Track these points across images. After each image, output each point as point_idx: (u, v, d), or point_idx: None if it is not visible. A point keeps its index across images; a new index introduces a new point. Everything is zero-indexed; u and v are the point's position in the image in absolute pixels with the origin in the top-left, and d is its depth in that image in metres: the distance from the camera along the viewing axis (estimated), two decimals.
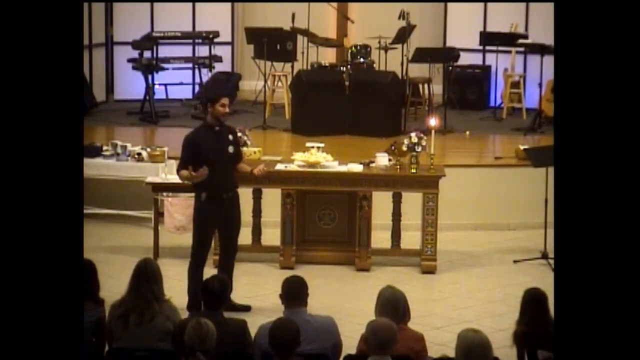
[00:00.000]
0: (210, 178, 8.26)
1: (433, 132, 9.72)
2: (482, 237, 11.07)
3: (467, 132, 13.27)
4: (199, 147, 8.36)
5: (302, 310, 6.30)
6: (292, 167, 9.98)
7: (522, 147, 11.33)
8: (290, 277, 6.52)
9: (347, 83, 12.92)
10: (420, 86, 14.50)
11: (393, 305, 6.20)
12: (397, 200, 10.18)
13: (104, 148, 11.34)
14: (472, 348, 5.35)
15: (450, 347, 5.50)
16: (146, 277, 6.39)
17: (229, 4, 15.67)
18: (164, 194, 10.24)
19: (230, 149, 8.51)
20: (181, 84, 14.79)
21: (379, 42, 14.23)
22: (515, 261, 10.27)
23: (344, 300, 9.11)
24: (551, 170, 9.56)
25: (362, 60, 13.81)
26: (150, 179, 10.42)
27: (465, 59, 14.84)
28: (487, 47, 14.93)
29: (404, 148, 9.77)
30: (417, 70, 14.75)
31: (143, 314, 6.29)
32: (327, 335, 6.24)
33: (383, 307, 6.21)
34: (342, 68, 13.48)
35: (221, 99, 8.40)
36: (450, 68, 14.46)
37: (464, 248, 10.69)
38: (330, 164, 9.97)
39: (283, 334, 5.61)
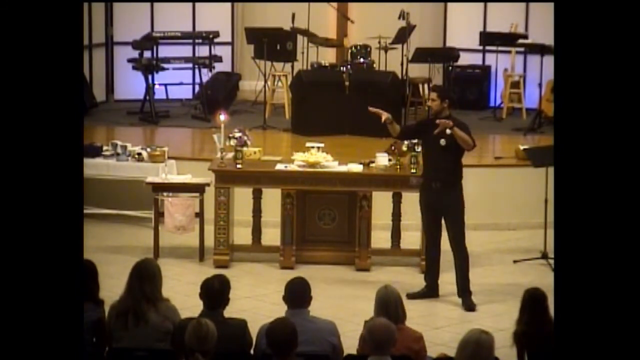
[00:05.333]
0: (424, 167, 9.18)
1: None
2: (482, 237, 11.05)
3: None
4: (420, 135, 9.21)
5: (304, 312, 6.31)
6: (292, 167, 9.97)
7: (522, 147, 11.33)
8: (294, 279, 6.52)
9: (347, 83, 12.91)
10: (420, 86, 14.48)
11: (383, 304, 6.24)
12: (397, 200, 10.18)
13: (104, 148, 11.32)
14: (467, 343, 5.36)
15: (450, 347, 5.50)
16: (138, 276, 6.36)
17: (229, 4, 15.66)
18: (164, 194, 10.23)
19: (442, 142, 8.86)
20: (181, 84, 14.77)
21: (379, 42, 14.21)
22: (515, 261, 10.26)
23: (344, 300, 9.10)
24: (551, 170, 9.55)
25: (362, 60, 13.79)
26: (150, 179, 10.41)
27: (465, 59, 14.84)
28: (487, 47, 14.92)
29: (404, 148, 9.77)
30: (417, 70, 14.73)
31: (137, 314, 6.28)
32: (327, 338, 6.24)
33: (376, 306, 6.30)
34: (342, 68, 13.48)
35: (431, 94, 9.16)
36: (450, 68, 14.45)
37: None
38: (330, 164, 9.97)
39: (280, 333, 5.62)
